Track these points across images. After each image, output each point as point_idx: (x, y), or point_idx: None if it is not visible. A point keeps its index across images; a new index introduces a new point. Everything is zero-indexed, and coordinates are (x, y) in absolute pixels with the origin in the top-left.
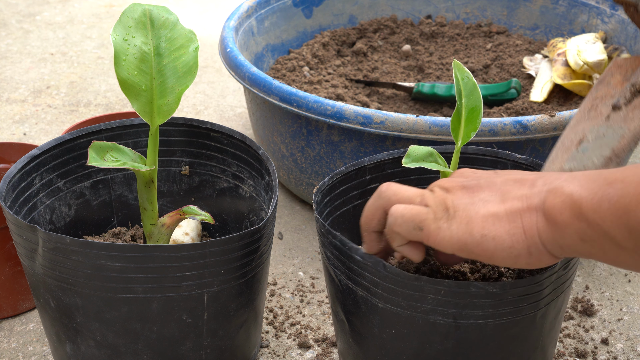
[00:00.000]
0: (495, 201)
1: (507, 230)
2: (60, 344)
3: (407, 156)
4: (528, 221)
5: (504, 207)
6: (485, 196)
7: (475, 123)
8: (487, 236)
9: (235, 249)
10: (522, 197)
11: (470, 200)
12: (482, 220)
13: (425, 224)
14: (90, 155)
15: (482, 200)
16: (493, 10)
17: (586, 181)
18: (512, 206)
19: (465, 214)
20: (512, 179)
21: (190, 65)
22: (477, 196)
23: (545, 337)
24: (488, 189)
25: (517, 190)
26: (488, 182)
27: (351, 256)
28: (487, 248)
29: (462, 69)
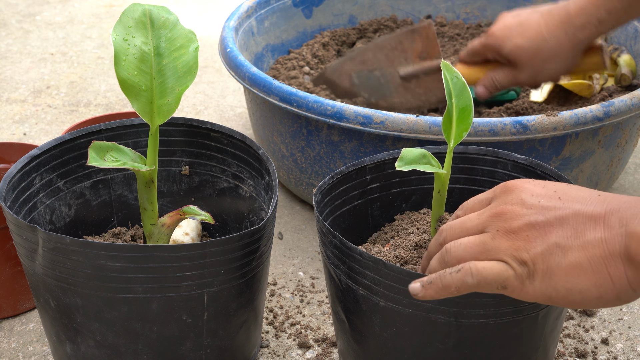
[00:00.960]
0: (575, 248)
1: (594, 282)
2: (60, 344)
3: (401, 159)
4: (614, 270)
5: (585, 255)
6: (560, 239)
7: (466, 123)
8: (573, 290)
9: (235, 249)
10: (601, 242)
11: (546, 247)
12: (565, 273)
13: (509, 282)
14: (90, 155)
15: (560, 247)
16: (493, 10)
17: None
18: (593, 255)
19: (545, 266)
20: (582, 214)
21: (190, 65)
22: (550, 239)
23: (547, 337)
24: (561, 228)
25: (593, 233)
26: (557, 217)
27: (351, 255)
28: (573, 300)
29: (451, 69)
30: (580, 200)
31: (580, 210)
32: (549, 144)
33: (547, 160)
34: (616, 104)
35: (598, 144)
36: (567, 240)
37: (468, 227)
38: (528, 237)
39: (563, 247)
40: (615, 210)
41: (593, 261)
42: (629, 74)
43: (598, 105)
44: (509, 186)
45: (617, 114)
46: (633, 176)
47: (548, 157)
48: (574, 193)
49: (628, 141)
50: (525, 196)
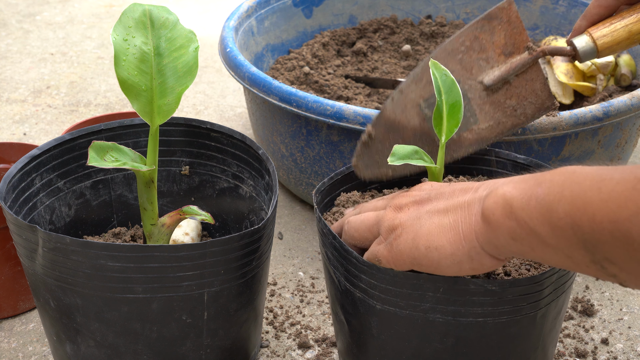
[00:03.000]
0: (440, 211)
1: (448, 239)
2: (60, 344)
3: (393, 155)
4: (467, 226)
5: (447, 217)
6: (431, 207)
7: (457, 118)
8: (431, 247)
9: (235, 249)
10: (464, 203)
11: (417, 213)
12: (427, 232)
13: (380, 254)
14: (90, 155)
15: (428, 212)
16: None
17: (520, 182)
18: (454, 215)
19: (411, 229)
20: (459, 188)
21: (190, 65)
22: (423, 208)
23: (545, 337)
24: (436, 200)
25: (460, 197)
26: (437, 192)
27: (348, 258)
28: (432, 259)
29: (440, 67)
30: (467, 182)
31: (459, 186)
32: (549, 144)
33: (547, 160)
34: (616, 104)
35: (598, 144)
36: (437, 207)
37: (375, 205)
38: (408, 209)
39: (431, 212)
40: (489, 182)
41: (453, 220)
42: (628, 74)
43: (598, 105)
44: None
45: (616, 114)
46: None
47: (548, 157)
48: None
49: (628, 141)
50: (424, 184)
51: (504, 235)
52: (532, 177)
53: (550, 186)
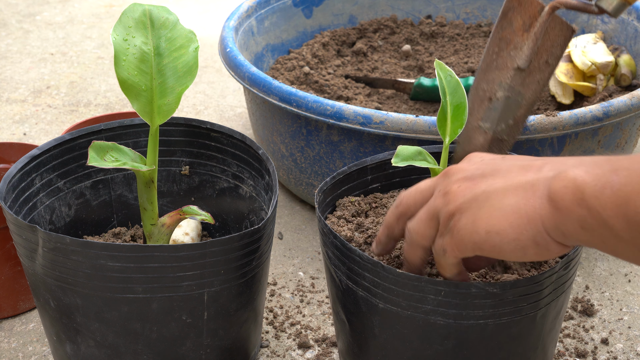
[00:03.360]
0: (499, 191)
1: (511, 222)
2: (60, 344)
3: (396, 155)
4: (532, 209)
5: (508, 198)
6: (488, 186)
7: (461, 119)
8: (491, 232)
9: (235, 249)
10: (527, 185)
11: (472, 193)
12: (487, 215)
13: (446, 244)
14: (90, 155)
15: (485, 193)
16: (493, 10)
17: (592, 167)
18: (516, 196)
19: (470, 212)
20: (518, 165)
21: (190, 65)
22: (479, 187)
23: (545, 337)
24: (492, 178)
25: (521, 177)
26: (493, 169)
27: (351, 257)
28: (494, 243)
29: (444, 68)
30: (523, 158)
31: (517, 163)
32: (549, 144)
33: None
34: (616, 104)
35: (598, 144)
36: (495, 186)
37: (422, 189)
38: (459, 188)
39: (489, 192)
40: (552, 161)
41: (515, 202)
42: (628, 74)
43: (598, 105)
44: (451, 167)
45: (616, 114)
46: None
47: None
48: (521, 156)
49: (628, 141)
50: (473, 157)
51: (573, 223)
52: (606, 160)
53: (629, 175)
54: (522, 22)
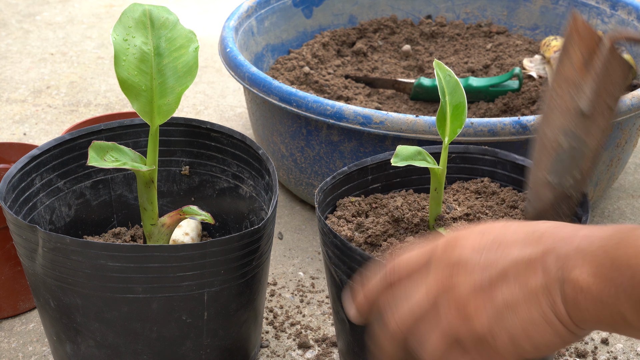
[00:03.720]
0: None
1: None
2: (60, 344)
3: (396, 155)
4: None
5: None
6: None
7: (460, 119)
8: (539, 346)
9: (235, 249)
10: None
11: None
12: (524, 333)
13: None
14: (90, 155)
15: (508, 307)
16: (493, 10)
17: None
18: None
19: (504, 333)
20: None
21: (190, 65)
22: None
23: None
24: (504, 284)
25: (534, 279)
26: (499, 273)
27: (352, 256)
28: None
29: (444, 68)
30: (517, 244)
31: (519, 256)
32: None
33: None
34: None
35: None
36: (513, 296)
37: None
38: (477, 307)
39: (512, 305)
40: (551, 249)
41: (543, 313)
42: None
43: None
44: (448, 244)
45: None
46: (633, 176)
47: None
48: (512, 236)
49: (628, 141)
50: (465, 254)
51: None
52: (602, 250)
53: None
54: (581, 57)
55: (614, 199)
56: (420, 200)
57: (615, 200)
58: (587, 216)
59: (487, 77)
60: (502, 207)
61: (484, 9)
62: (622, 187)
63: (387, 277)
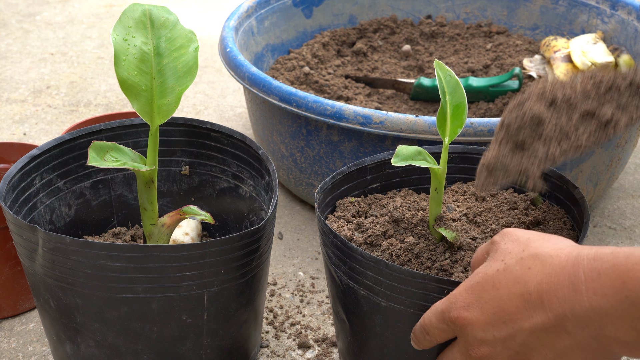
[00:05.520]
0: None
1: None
2: (60, 344)
3: (396, 155)
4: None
5: (588, 353)
6: (547, 355)
7: (460, 119)
8: None
9: (235, 249)
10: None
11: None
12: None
13: None
14: (90, 155)
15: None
16: (493, 10)
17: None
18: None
19: None
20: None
21: (190, 65)
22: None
23: None
24: (534, 353)
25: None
26: (519, 344)
27: (352, 255)
28: None
29: (444, 68)
30: (521, 314)
31: (532, 326)
32: None
33: None
34: None
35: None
36: (546, 356)
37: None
38: None
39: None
40: (562, 315)
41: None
42: None
43: None
44: (456, 322)
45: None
46: (633, 176)
47: None
48: (509, 305)
49: (628, 141)
50: (477, 333)
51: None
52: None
53: None
54: None
55: (614, 199)
56: (419, 201)
57: (615, 200)
58: (587, 221)
59: (487, 77)
60: (502, 209)
61: (484, 9)
62: (622, 187)
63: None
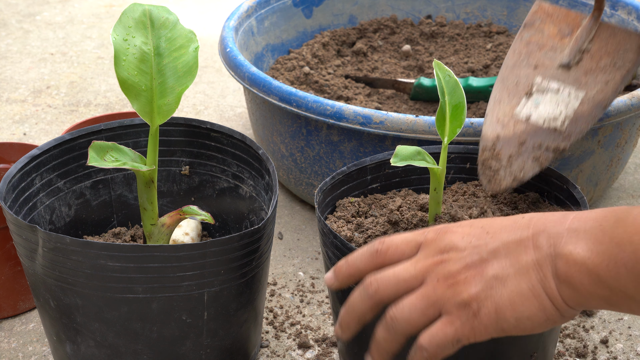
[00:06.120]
0: (511, 276)
1: (537, 307)
2: (60, 344)
3: (395, 155)
4: (550, 291)
5: (524, 282)
6: (497, 271)
7: (460, 119)
8: (521, 318)
9: (235, 249)
10: (535, 265)
11: (485, 282)
12: (510, 303)
13: (459, 334)
14: (90, 155)
15: (498, 279)
16: (493, 10)
17: (593, 243)
18: (530, 279)
19: (490, 302)
20: (512, 242)
21: (190, 65)
22: (486, 273)
23: (546, 337)
24: (495, 260)
25: (525, 256)
26: (489, 251)
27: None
28: (525, 328)
29: (443, 68)
30: (506, 229)
31: (509, 238)
32: None
33: None
34: (615, 104)
35: (597, 144)
36: (503, 270)
37: (405, 279)
38: (467, 278)
39: (501, 277)
40: (542, 230)
41: (532, 286)
42: None
43: None
44: (439, 231)
45: (616, 114)
46: (633, 176)
47: None
48: (499, 223)
49: (628, 141)
50: (456, 239)
51: (596, 300)
52: (601, 233)
53: (635, 250)
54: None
55: (614, 199)
56: (419, 201)
57: (616, 200)
58: None
59: (487, 77)
60: (502, 209)
61: (484, 9)
62: (622, 187)
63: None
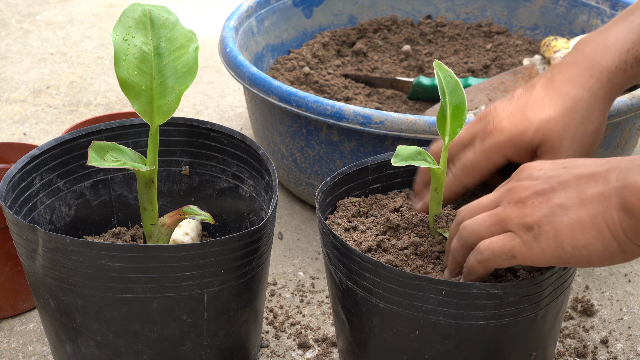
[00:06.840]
0: (575, 205)
1: (595, 236)
2: (60, 344)
3: (396, 155)
4: (611, 222)
5: (585, 212)
6: (563, 200)
7: (460, 119)
8: (578, 246)
9: (235, 249)
10: (600, 197)
11: (550, 209)
12: (569, 230)
13: (516, 250)
14: (90, 155)
15: (562, 207)
16: (493, 10)
17: None
18: (593, 209)
19: (550, 227)
20: (584, 175)
21: (190, 65)
22: (552, 201)
23: (545, 337)
24: (563, 191)
25: (592, 189)
26: (560, 182)
27: (351, 257)
28: (581, 257)
29: (444, 68)
30: (583, 165)
31: (582, 172)
32: None
33: None
34: (615, 104)
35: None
36: (569, 200)
37: (484, 205)
38: (534, 203)
39: (565, 206)
40: (615, 167)
41: (593, 215)
42: None
43: None
44: (521, 167)
45: (616, 114)
46: None
47: None
48: (580, 161)
49: (628, 141)
50: (533, 171)
51: None
52: None
53: None
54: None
55: None
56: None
57: None
58: None
59: (487, 78)
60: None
61: (484, 9)
62: None
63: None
